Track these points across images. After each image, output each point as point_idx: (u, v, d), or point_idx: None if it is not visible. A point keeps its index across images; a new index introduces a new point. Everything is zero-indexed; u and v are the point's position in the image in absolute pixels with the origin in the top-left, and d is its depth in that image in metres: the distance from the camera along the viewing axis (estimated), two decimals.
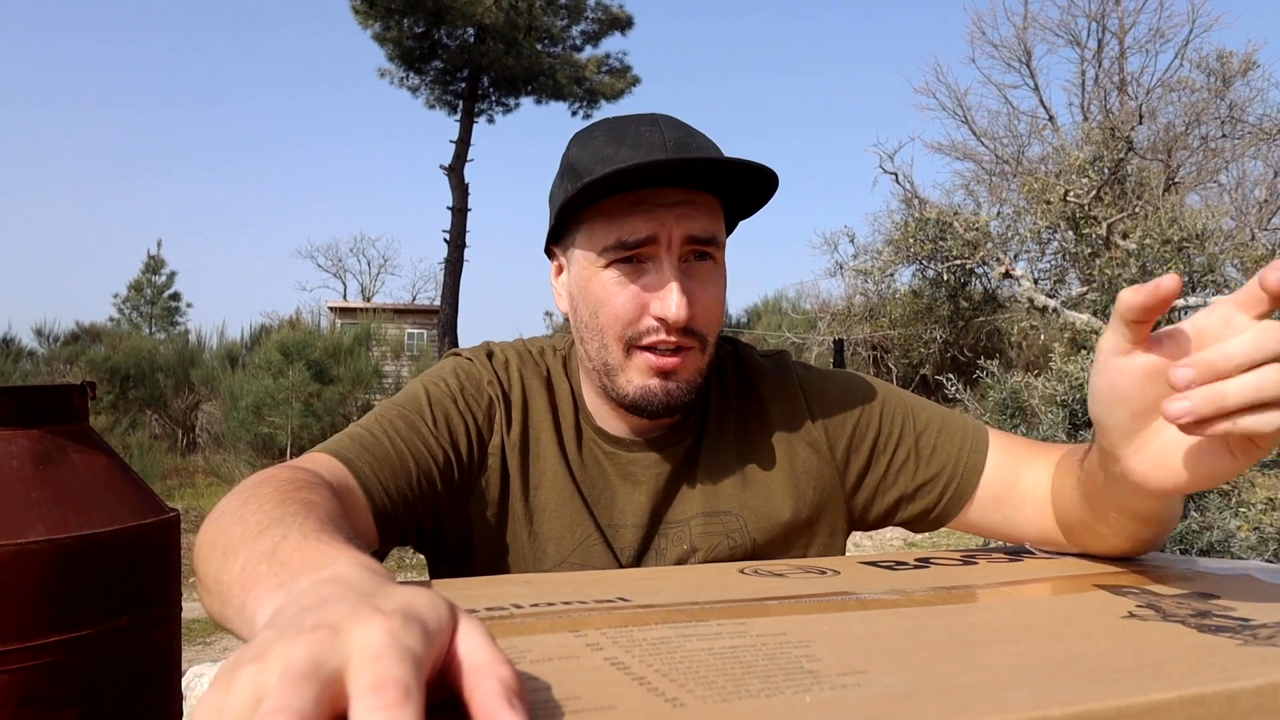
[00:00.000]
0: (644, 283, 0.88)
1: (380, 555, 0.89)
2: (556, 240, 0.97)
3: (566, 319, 0.98)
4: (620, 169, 0.81)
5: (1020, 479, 0.92)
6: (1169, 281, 0.55)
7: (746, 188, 0.90)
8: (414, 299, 27.74)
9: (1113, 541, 0.81)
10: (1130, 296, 0.57)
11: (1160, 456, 0.63)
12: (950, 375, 6.59)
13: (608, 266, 0.88)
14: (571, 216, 0.92)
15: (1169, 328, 0.59)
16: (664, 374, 0.88)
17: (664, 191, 0.86)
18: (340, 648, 0.35)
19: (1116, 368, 0.61)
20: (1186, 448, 0.61)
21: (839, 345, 12.82)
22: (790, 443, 0.98)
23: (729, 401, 0.99)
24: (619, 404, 0.92)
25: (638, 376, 0.89)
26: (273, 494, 0.63)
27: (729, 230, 0.98)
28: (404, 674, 0.33)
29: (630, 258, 0.87)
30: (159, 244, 30.25)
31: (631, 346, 0.88)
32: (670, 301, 0.85)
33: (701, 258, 0.89)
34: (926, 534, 6.21)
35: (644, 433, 0.95)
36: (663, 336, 0.87)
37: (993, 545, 0.98)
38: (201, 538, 0.64)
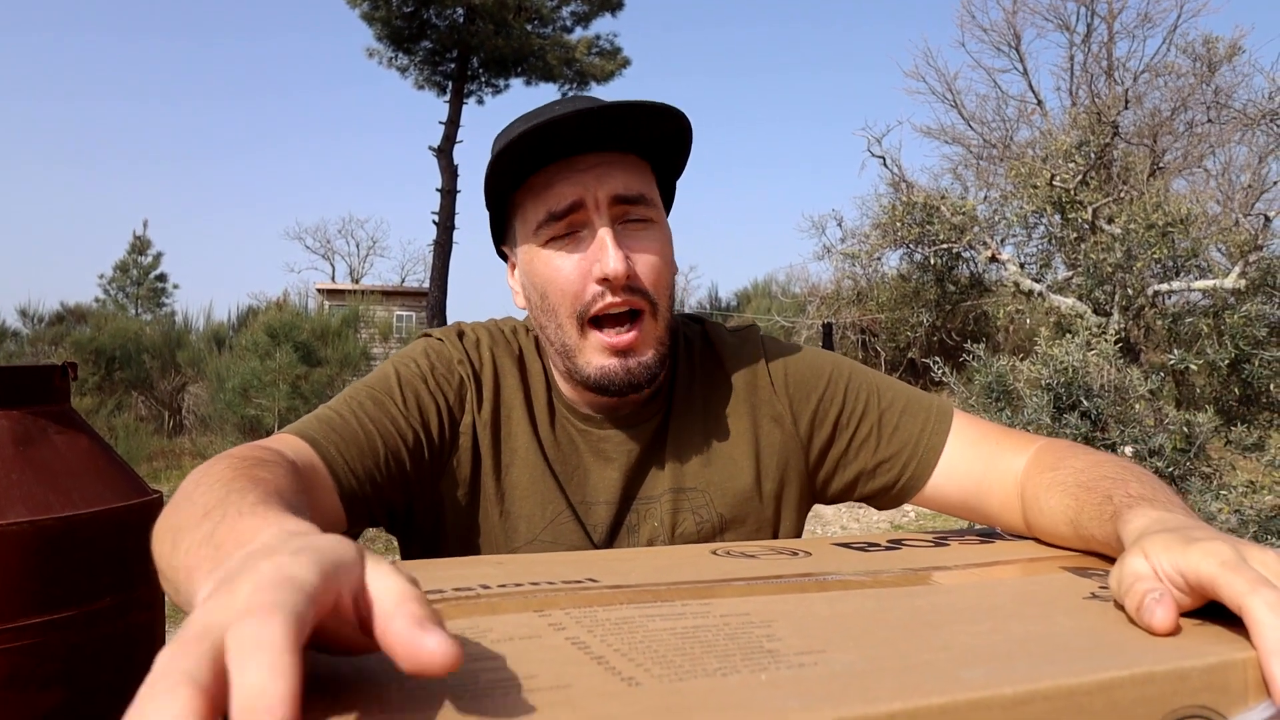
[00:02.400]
0: (582, 250, 0.88)
1: (351, 536, 0.90)
2: (504, 239, 0.99)
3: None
4: (517, 134, 0.83)
5: (987, 466, 0.93)
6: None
7: (662, 134, 0.90)
8: (403, 281, 27.54)
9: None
10: None
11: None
12: (937, 359, 6.62)
13: (546, 245, 0.90)
14: (508, 209, 0.94)
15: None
16: (621, 353, 0.89)
17: (582, 158, 0.88)
18: (230, 602, 0.35)
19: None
20: None
21: (827, 329, 12.85)
22: (755, 417, 0.99)
23: (695, 377, 1.00)
24: (582, 386, 0.92)
25: (596, 357, 0.89)
26: (223, 472, 0.63)
27: (669, 195, 1.00)
28: (279, 595, 0.33)
29: (566, 231, 0.89)
30: (145, 224, 29.88)
31: (585, 324, 0.89)
32: (608, 258, 0.86)
33: (636, 220, 0.90)
34: (914, 518, 6.26)
35: (614, 411, 0.96)
36: (609, 299, 0.87)
37: (967, 527, 0.99)
38: (158, 523, 0.64)
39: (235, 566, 0.40)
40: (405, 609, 0.36)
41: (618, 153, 0.89)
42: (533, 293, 0.93)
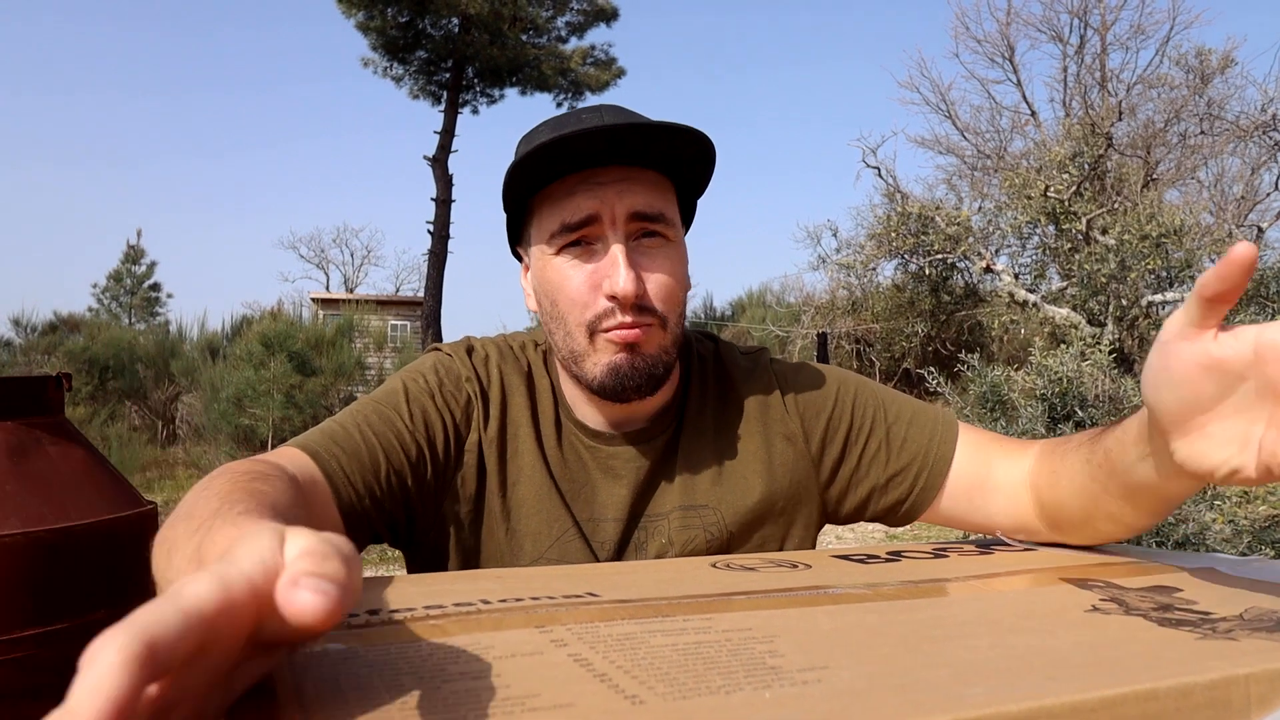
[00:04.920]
0: (594, 264, 0.88)
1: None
2: (519, 240, 0.98)
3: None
4: (542, 143, 0.81)
5: (993, 470, 0.93)
6: (1242, 249, 0.53)
7: (685, 156, 0.90)
8: (397, 290, 27.52)
9: (1105, 530, 0.82)
10: (1209, 274, 0.55)
11: (1207, 448, 0.61)
12: (932, 369, 6.63)
13: (559, 253, 0.89)
14: (526, 211, 0.93)
15: (1235, 328, 0.58)
16: (629, 347, 0.88)
17: (604, 170, 0.87)
18: None
19: (1176, 351, 0.60)
20: (1235, 444, 0.60)
21: (822, 339, 12.86)
22: (767, 435, 0.98)
23: (707, 395, 1.00)
24: (591, 390, 0.91)
25: (604, 356, 0.88)
26: (221, 486, 0.62)
27: (689, 214, 0.99)
28: (141, 614, 0.32)
29: (579, 240, 0.88)
30: (139, 234, 29.59)
31: (593, 332, 0.88)
32: (618, 276, 0.85)
33: (651, 236, 0.89)
34: (909, 525, 6.24)
35: (624, 426, 0.96)
36: (619, 319, 0.87)
37: (963, 537, 0.99)
38: (156, 537, 0.63)
39: None
40: (291, 569, 0.36)
41: (640, 168, 0.88)
42: (544, 298, 0.92)
